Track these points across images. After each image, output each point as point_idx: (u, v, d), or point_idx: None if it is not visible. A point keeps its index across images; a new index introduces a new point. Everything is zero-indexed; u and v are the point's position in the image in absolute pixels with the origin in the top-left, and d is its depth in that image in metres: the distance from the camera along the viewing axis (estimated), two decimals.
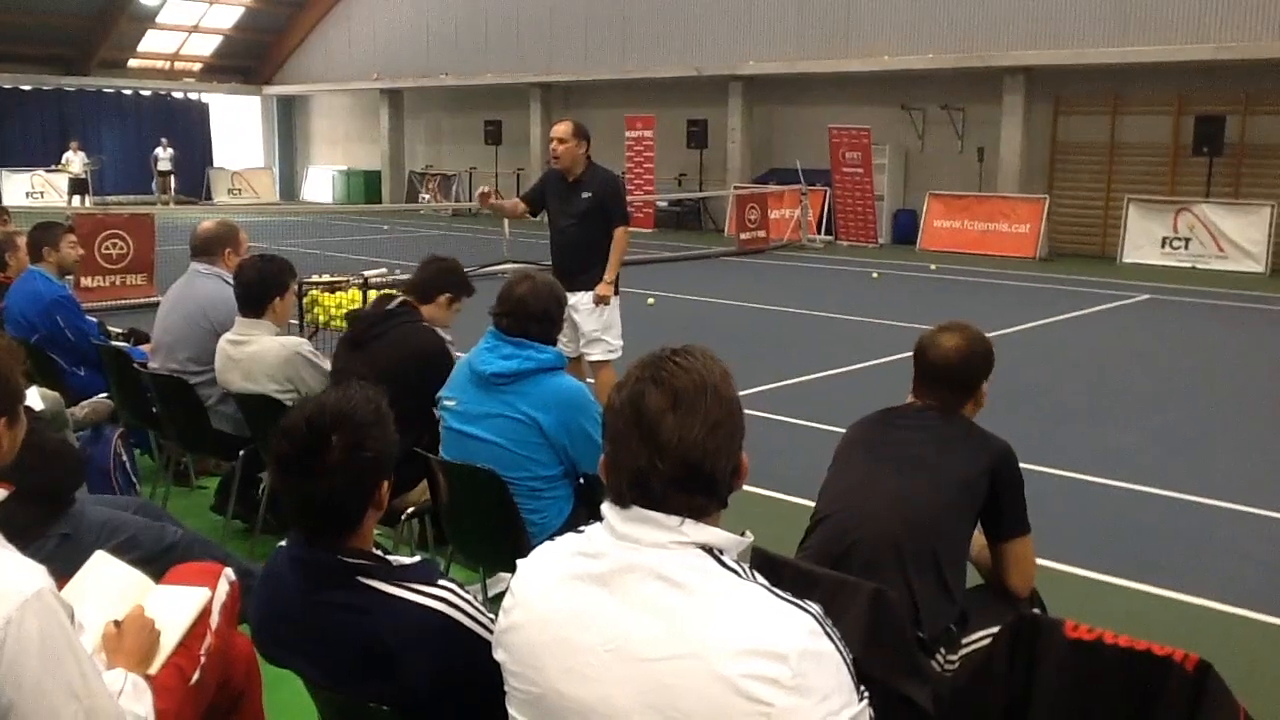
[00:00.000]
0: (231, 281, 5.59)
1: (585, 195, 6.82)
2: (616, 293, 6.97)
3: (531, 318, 3.92)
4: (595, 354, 6.81)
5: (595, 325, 6.78)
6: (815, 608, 1.74)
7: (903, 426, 3.22)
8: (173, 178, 29.75)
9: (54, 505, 3.43)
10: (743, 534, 1.83)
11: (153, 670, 2.53)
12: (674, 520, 1.76)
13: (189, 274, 5.76)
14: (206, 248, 5.73)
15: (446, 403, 4.04)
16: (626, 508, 1.79)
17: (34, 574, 2.07)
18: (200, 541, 3.86)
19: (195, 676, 2.64)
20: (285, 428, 2.26)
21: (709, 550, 1.76)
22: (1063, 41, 19.49)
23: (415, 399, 4.13)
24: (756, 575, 1.77)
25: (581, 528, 1.90)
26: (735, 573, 1.75)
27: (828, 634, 1.71)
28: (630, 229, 7.02)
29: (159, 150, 29.58)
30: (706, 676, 1.65)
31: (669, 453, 1.75)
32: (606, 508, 1.83)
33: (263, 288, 5.03)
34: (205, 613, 2.77)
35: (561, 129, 6.82)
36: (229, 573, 2.97)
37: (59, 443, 3.74)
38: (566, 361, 4.14)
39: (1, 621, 1.97)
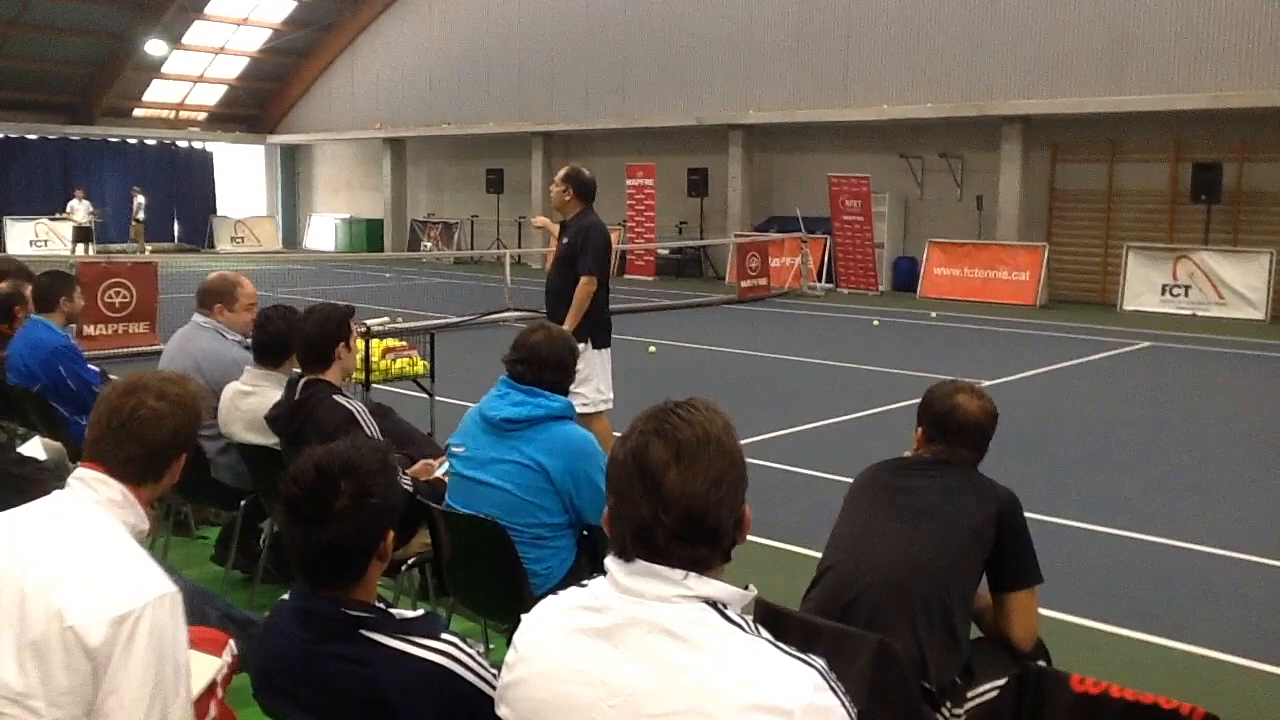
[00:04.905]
0: (231, 336, 5.63)
1: (564, 241, 6.90)
2: (602, 345, 6.88)
3: (545, 365, 3.96)
4: None
5: None
6: (820, 662, 1.73)
7: (911, 476, 3.24)
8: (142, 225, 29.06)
9: None
10: (746, 587, 1.83)
11: None
12: (678, 573, 1.76)
13: (190, 325, 5.78)
14: (202, 300, 5.77)
15: (455, 449, 4.05)
16: (630, 560, 1.79)
17: (172, 583, 2.36)
18: (200, 593, 3.84)
19: None
20: (294, 474, 2.28)
21: (713, 604, 1.76)
22: (1060, 90, 19.66)
23: None
24: (760, 629, 1.77)
25: (585, 581, 1.90)
26: (739, 626, 1.75)
27: (833, 688, 1.71)
28: (608, 277, 6.76)
29: (138, 198, 29.16)
30: None
31: (672, 505, 1.75)
32: (610, 561, 1.83)
33: (291, 342, 4.96)
34: (214, 682, 2.76)
35: (559, 173, 7.06)
36: (232, 645, 2.97)
37: None
38: (576, 411, 4.15)
39: (140, 605, 2.25)
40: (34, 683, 2.20)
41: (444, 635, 2.25)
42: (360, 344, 7.42)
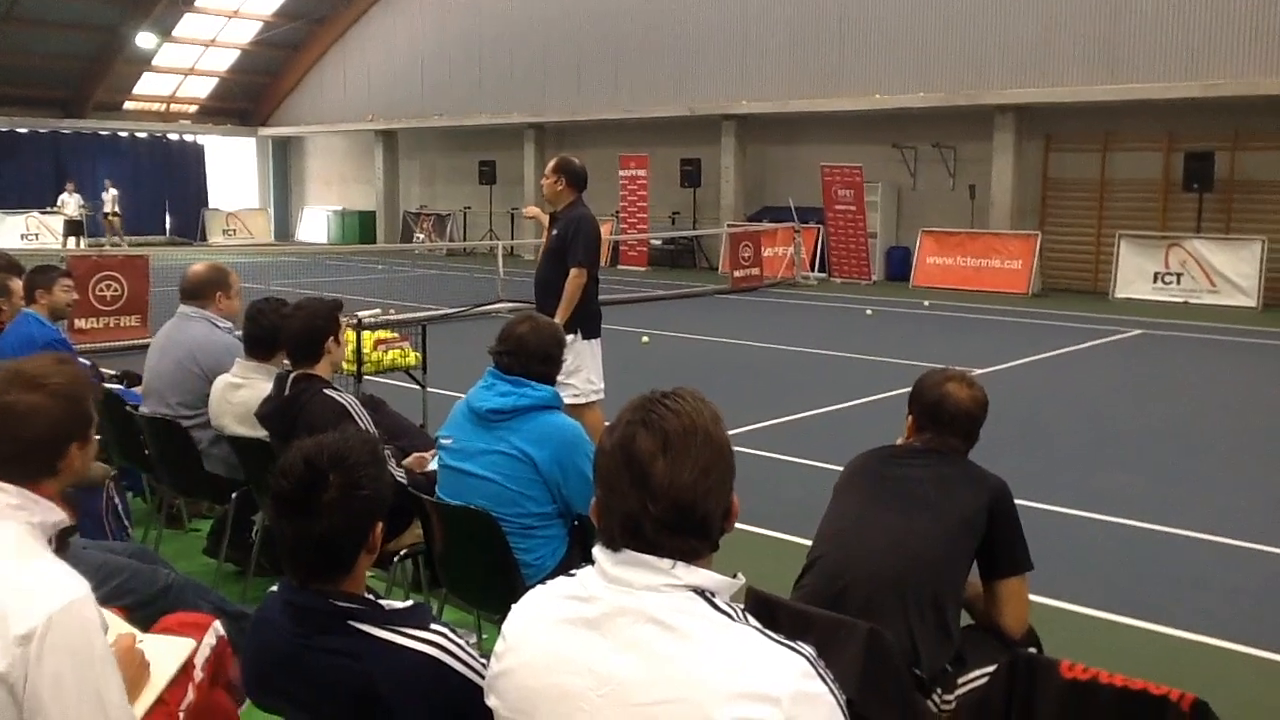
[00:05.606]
0: (222, 325, 5.60)
1: (554, 232, 6.88)
2: (591, 336, 6.86)
3: (532, 357, 3.95)
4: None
5: None
6: (808, 649, 1.73)
7: (903, 465, 3.23)
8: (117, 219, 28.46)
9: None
10: (735, 576, 1.83)
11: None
12: (666, 563, 1.76)
13: (177, 317, 5.72)
14: (196, 292, 5.71)
15: (443, 441, 4.05)
16: (618, 551, 1.78)
17: (80, 582, 2.20)
18: (193, 585, 3.84)
19: None
20: (284, 466, 2.27)
21: (701, 593, 1.76)
22: (1053, 79, 19.65)
23: None
24: (749, 617, 1.77)
25: (573, 571, 1.90)
26: (727, 615, 1.75)
27: (821, 676, 1.70)
28: (598, 269, 6.74)
29: (110, 191, 28.56)
30: None
31: (660, 496, 1.75)
32: (598, 551, 1.82)
33: (278, 334, 4.92)
34: (189, 665, 2.73)
35: (549, 164, 7.00)
36: (217, 626, 2.94)
37: None
38: (563, 401, 4.14)
39: (43, 618, 2.08)
40: None
41: (433, 625, 2.25)
42: (352, 336, 7.41)
